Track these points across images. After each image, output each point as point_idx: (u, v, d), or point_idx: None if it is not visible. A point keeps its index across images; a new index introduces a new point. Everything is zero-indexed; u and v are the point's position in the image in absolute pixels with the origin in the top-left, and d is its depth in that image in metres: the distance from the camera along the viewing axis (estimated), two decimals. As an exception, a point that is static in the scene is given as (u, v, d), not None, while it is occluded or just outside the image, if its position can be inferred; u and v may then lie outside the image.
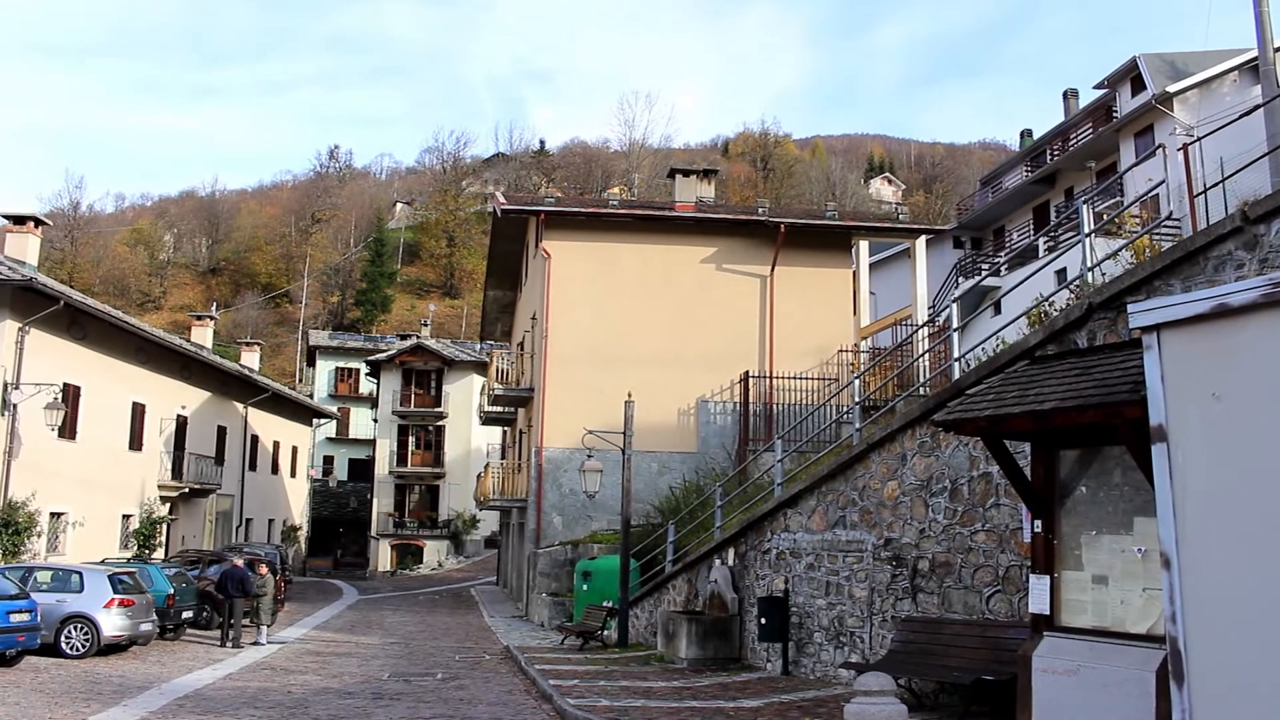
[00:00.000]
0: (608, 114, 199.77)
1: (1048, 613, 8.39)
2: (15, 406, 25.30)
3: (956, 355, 13.26)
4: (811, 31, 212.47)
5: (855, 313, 29.16)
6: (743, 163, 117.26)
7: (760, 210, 30.87)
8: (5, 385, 25.19)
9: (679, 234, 28.38)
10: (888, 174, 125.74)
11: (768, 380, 27.01)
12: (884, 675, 8.95)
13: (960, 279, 40.17)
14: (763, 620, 15.57)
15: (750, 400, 26.99)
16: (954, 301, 14.92)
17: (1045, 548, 8.48)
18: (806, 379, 26.66)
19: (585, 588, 23.34)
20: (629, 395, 21.84)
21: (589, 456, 22.07)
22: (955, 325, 13.73)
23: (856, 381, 16.61)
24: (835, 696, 12.90)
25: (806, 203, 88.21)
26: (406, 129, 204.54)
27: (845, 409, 19.84)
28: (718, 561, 18.25)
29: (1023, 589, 10.70)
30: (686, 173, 32.24)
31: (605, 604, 21.48)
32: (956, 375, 12.71)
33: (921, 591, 12.64)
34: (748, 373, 27.16)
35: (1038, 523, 8.56)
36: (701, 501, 21.83)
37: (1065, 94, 48.06)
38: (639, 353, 26.82)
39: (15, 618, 17.19)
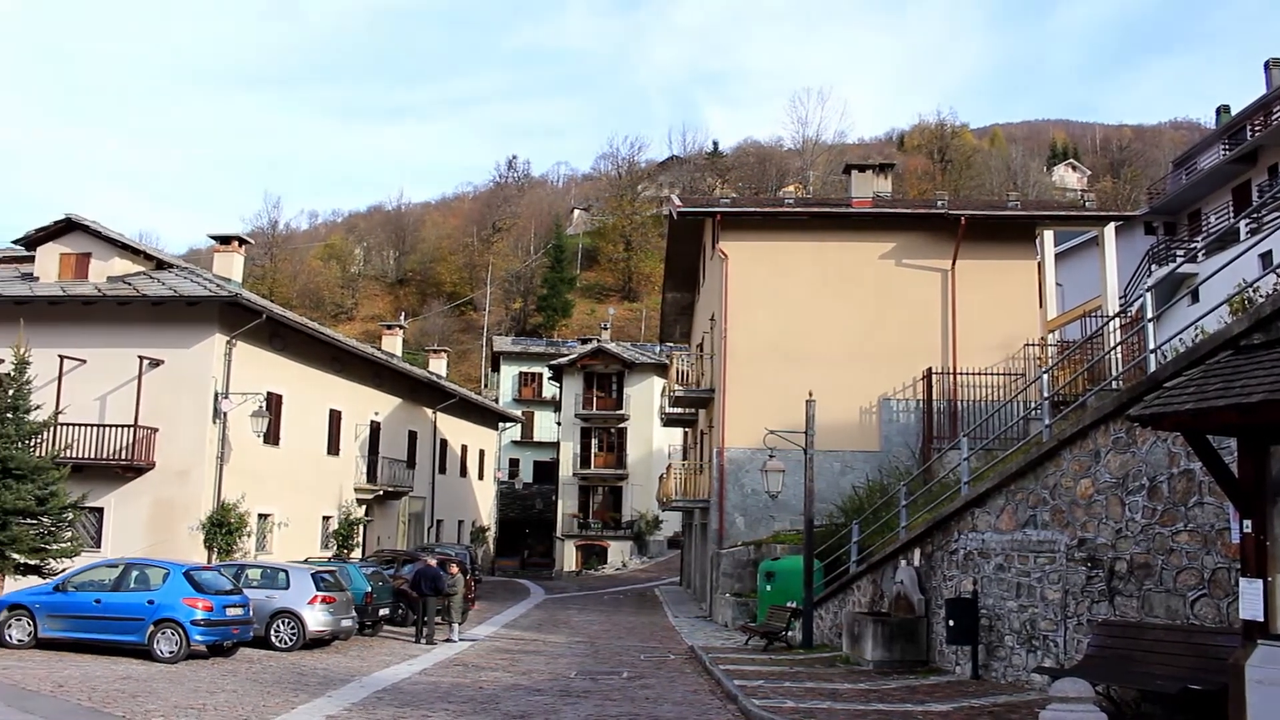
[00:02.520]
0: (780, 112, 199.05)
1: (1262, 619, 7.92)
2: (225, 414, 26.84)
3: (1152, 346, 12.66)
4: (987, 17, 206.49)
5: (1041, 305, 28.18)
6: (919, 155, 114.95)
7: (939, 203, 30.14)
8: (216, 395, 26.74)
9: (856, 230, 27.99)
10: (1072, 160, 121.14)
11: (951, 376, 26.38)
12: (1081, 681, 8.63)
13: (1153, 267, 38.35)
14: (951, 622, 15.20)
15: (934, 397, 26.41)
16: (1147, 290, 14.27)
17: (1256, 549, 8.00)
18: (991, 374, 25.92)
19: (769, 588, 23.26)
20: (810, 394, 21.66)
21: (771, 456, 21.97)
22: (1149, 315, 13.10)
23: (1045, 376, 16.08)
24: (1028, 702, 12.50)
25: (987, 194, 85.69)
26: (582, 137, 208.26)
27: (1033, 405, 19.19)
28: (903, 562, 17.93)
29: (1231, 593, 10.13)
30: (862, 168, 31.72)
31: (789, 605, 21.35)
32: (1152, 367, 12.14)
33: (1119, 594, 12.12)
34: (930, 369, 26.59)
35: (1247, 523, 8.09)
36: (885, 501, 21.49)
37: (1266, 64, 45.14)
38: (818, 351, 26.59)
39: (231, 611, 18.35)
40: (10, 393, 21.51)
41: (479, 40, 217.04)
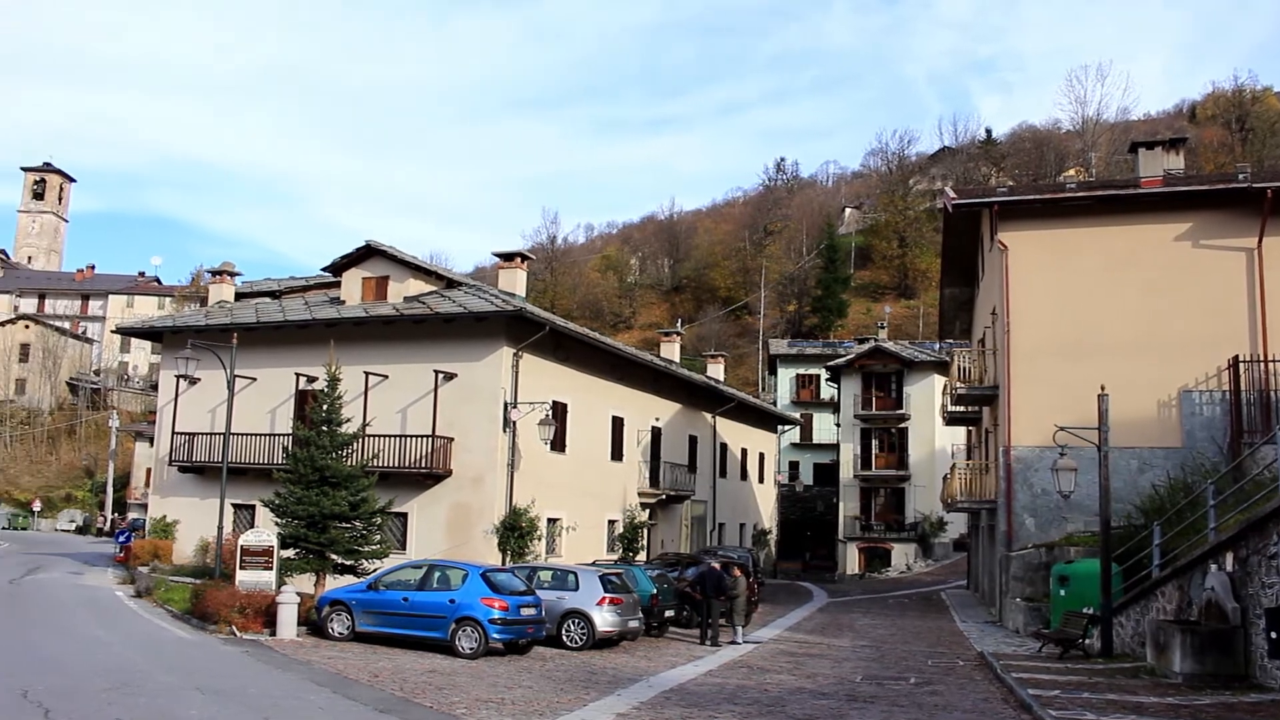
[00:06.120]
0: (1056, 93, 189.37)
1: None
2: (514, 423, 28.12)
3: None
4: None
5: (1370, 281, 25.58)
6: (1214, 126, 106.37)
7: (1240, 176, 27.79)
8: (505, 405, 28.07)
9: (1145, 212, 26.30)
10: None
11: (1262, 365, 24.35)
12: None
13: None
14: (1273, 634, 14.00)
15: (1242, 388, 24.45)
16: None
17: None
18: (1310, 361, 23.77)
19: (1062, 593, 22.22)
20: (1101, 388, 20.55)
21: (1061, 454, 20.99)
22: None
23: (1373, 362, 14.61)
24: (1369, 723, 11.35)
25: (1298, 162, 78.55)
26: (849, 134, 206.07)
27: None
28: (1213, 567, 16.69)
29: None
30: (1150, 145, 29.85)
31: (1085, 610, 20.31)
32: None
33: None
34: (1236, 357, 24.63)
35: None
36: (1190, 501, 20.08)
37: None
38: (1108, 343, 25.22)
39: (525, 611, 19.31)
40: (325, 407, 23.43)
41: (737, 47, 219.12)
